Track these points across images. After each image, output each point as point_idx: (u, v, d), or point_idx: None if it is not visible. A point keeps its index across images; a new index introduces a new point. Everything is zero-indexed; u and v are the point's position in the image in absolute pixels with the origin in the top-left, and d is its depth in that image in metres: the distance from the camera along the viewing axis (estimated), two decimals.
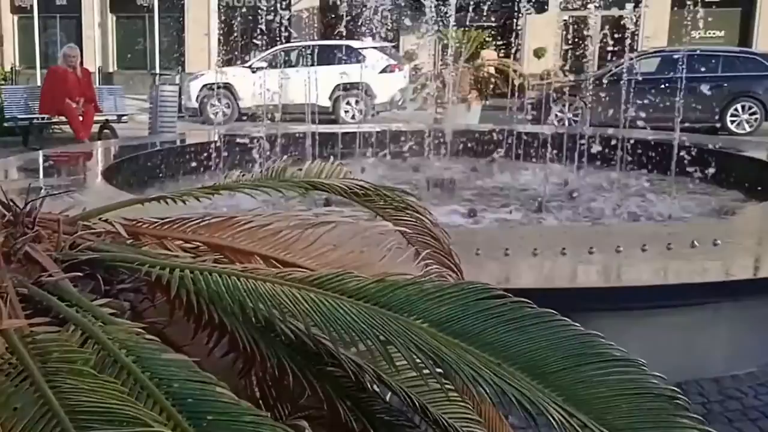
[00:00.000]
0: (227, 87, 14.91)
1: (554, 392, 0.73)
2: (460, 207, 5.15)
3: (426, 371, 0.78)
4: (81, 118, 9.37)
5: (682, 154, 6.56)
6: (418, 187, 5.81)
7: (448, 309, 0.81)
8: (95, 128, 10.00)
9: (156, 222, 1.09)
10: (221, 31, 20.53)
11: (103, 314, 0.90)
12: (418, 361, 0.77)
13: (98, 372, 0.78)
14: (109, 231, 1.09)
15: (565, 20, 21.56)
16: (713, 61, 13.52)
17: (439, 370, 0.77)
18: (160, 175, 6.08)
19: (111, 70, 22.44)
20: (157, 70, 16.39)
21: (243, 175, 1.24)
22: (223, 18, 20.72)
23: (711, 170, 6.04)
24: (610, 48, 20.74)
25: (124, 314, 1.02)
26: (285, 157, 6.53)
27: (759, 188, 5.25)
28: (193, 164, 6.69)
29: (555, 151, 7.22)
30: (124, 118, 10.78)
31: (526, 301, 0.83)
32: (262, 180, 1.21)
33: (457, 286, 0.85)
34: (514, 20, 21.30)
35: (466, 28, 12.91)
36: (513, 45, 21.32)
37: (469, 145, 7.94)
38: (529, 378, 0.74)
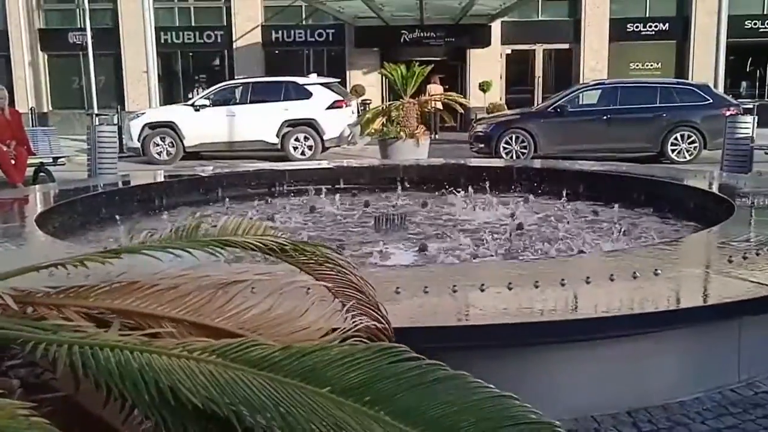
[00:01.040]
0: (170, 126, 14.71)
1: None
2: (410, 242, 5.10)
3: None
4: (13, 162, 9.06)
5: (624, 184, 6.71)
6: (368, 222, 5.76)
7: (357, 375, 0.74)
8: (30, 172, 9.69)
9: (53, 290, 0.99)
10: (161, 69, 20.35)
11: None
12: None
13: None
14: None
15: (508, 54, 22.19)
16: (652, 92, 13.97)
17: None
18: (99, 220, 5.87)
19: (45, 110, 21.92)
20: (95, 110, 16.09)
21: (151, 235, 1.15)
22: (162, 55, 20.55)
23: (652, 200, 6.16)
24: (552, 81, 21.40)
25: (14, 393, 0.92)
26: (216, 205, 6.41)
27: (699, 216, 5.37)
28: (137, 206, 6.51)
29: (503, 184, 7.30)
30: (61, 160, 10.48)
31: (439, 363, 0.76)
32: (171, 240, 1.12)
33: (368, 350, 0.78)
34: (459, 54, 21.80)
35: (411, 63, 13.07)
36: (458, 79, 21.84)
37: (419, 179, 7.96)
38: None
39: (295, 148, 14.68)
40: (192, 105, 15.17)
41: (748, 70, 22.58)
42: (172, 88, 22.45)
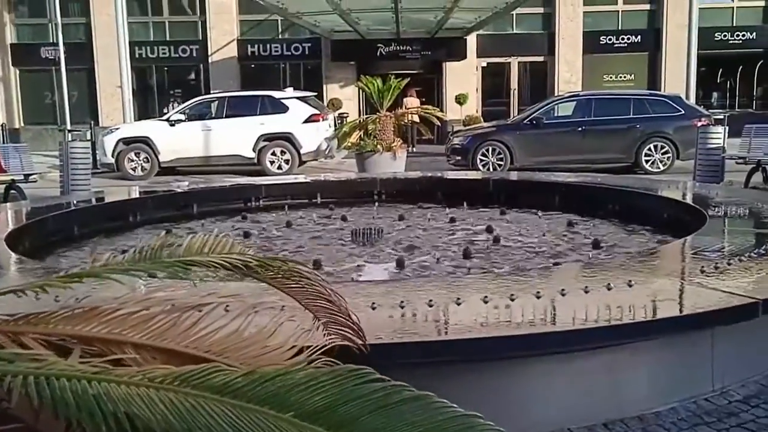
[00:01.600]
0: (145, 141, 14.59)
1: None
2: (387, 256, 5.09)
3: None
4: None
5: (599, 195, 6.77)
6: (345, 237, 5.74)
7: (322, 398, 0.73)
8: (0, 189, 9.54)
9: (11, 317, 0.96)
10: (135, 84, 20.18)
11: None
12: None
13: None
14: None
15: (483, 67, 22.37)
16: (625, 103, 14.15)
17: None
18: (72, 238, 5.78)
19: (17, 126, 21.62)
20: (68, 125, 15.92)
21: (114, 256, 1.12)
22: (136, 70, 20.41)
23: (626, 210, 6.22)
24: (527, 93, 21.62)
25: None
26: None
27: (672, 227, 5.43)
28: (112, 223, 6.43)
29: (480, 196, 7.33)
30: (33, 176, 10.33)
31: (404, 384, 0.75)
32: (135, 262, 1.10)
33: (333, 373, 0.77)
34: (435, 67, 21.94)
35: (387, 77, 13.11)
36: (434, 92, 21.97)
37: (396, 193, 7.97)
38: None
39: (271, 163, 14.63)
40: (167, 120, 15.07)
41: (718, 81, 23.00)
42: (147, 103, 22.28)
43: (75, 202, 7.10)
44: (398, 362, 2.56)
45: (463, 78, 21.66)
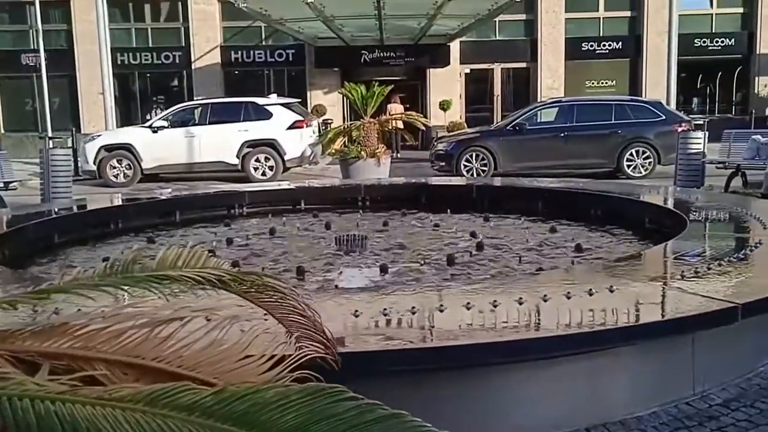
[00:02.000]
0: (127, 148, 14.48)
1: None
2: (371, 263, 5.07)
3: None
4: None
5: (582, 201, 6.80)
6: (329, 243, 5.72)
7: (294, 417, 0.71)
8: None
9: None
10: (117, 91, 20.02)
11: None
12: None
13: None
14: None
15: (467, 73, 22.47)
16: (607, 109, 14.26)
17: None
18: (52, 246, 5.72)
19: None
20: (49, 132, 15.76)
21: (84, 271, 1.10)
22: (119, 77, 20.26)
23: (608, 215, 6.26)
24: (510, 99, 21.73)
25: None
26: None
27: (653, 231, 5.47)
28: (94, 231, 6.36)
29: (465, 202, 7.34)
30: (13, 184, 10.22)
31: (377, 403, 0.74)
32: (104, 277, 1.08)
33: (305, 391, 0.76)
34: (419, 74, 22.00)
35: (371, 83, 13.12)
36: (418, 98, 22.02)
37: (380, 199, 7.96)
38: None
39: (255, 169, 14.58)
40: (150, 126, 14.97)
41: (698, 86, 23.25)
42: (130, 110, 22.13)
43: (56, 209, 7.03)
44: (381, 370, 2.56)
45: (446, 84, 21.74)
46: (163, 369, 0.93)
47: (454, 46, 21.53)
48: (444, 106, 21.17)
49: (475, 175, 13.32)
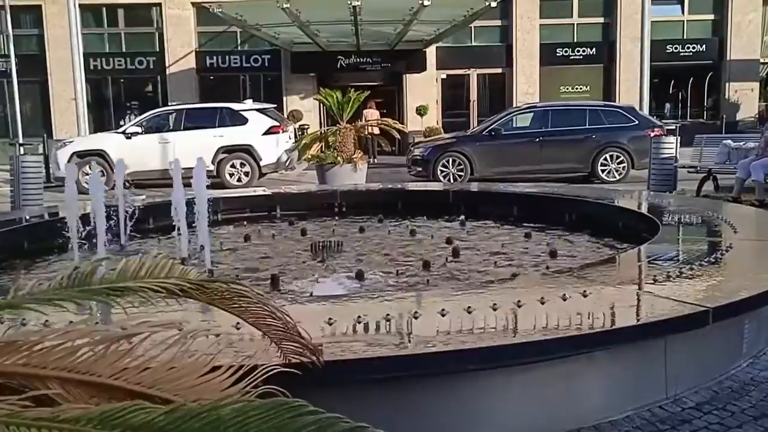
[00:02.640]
0: (100, 154, 14.29)
1: None
2: (347, 270, 5.04)
3: None
4: None
5: (556, 205, 6.85)
6: (304, 250, 5.68)
7: None
8: None
9: None
10: (90, 96, 19.77)
11: None
12: None
13: None
14: None
15: (443, 78, 22.57)
16: (581, 114, 14.40)
17: None
18: (20, 255, 5.60)
19: None
20: (20, 138, 15.52)
21: (40, 284, 1.07)
22: (91, 82, 20.01)
23: (582, 220, 6.30)
24: (486, 104, 21.86)
25: None
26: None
27: (627, 236, 5.51)
28: (63, 239, 6.23)
29: (441, 208, 7.35)
30: None
31: (339, 416, 0.72)
32: (60, 290, 1.04)
33: (264, 407, 0.73)
34: (395, 79, 22.04)
35: (347, 89, 13.11)
36: (395, 103, 22.06)
37: (356, 204, 7.94)
38: None
39: (231, 175, 14.48)
40: (123, 132, 14.79)
41: (670, 92, 23.59)
42: (103, 116, 21.87)
43: (27, 217, 6.90)
44: (355, 379, 2.54)
45: (423, 90, 21.80)
46: (120, 387, 0.90)
47: (431, 52, 21.61)
48: (421, 111, 21.23)
49: (451, 180, 13.36)
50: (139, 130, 14.58)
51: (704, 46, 22.74)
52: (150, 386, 0.87)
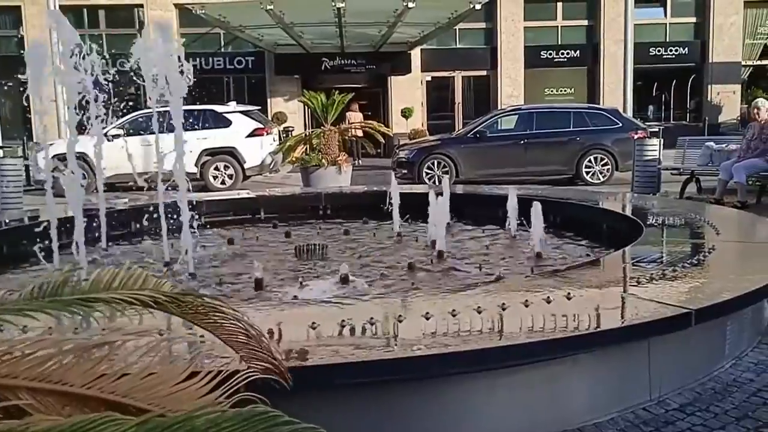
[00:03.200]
0: (81, 157, 14.11)
1: None
2: (331, 273, 5.02)
3: None
4: None
5: (541, 207, 6.85)
6: (289, 253, 5.65)
7: None
8: None
9: None
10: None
11: None
12: None
13: None
14: None
15: (428, 81, 22.61)
16: (566, 116, 14.46)
17: None
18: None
19: None
20: None
21: (9, 294, 1.04)
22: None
23: (565, 222, 6.31)
24: (471, 106, 21.90)
25: None
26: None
27: (610, 238, 5.53)
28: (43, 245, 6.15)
29: (426, 211, 7.33)
30: None
31: (315, 426, 0.70)
32: (30, 300, 1.01)
33: (238, 417, 0.71)
34: (380, 81, 22.04)
35: (331, 91, 13.09)
36: (380, 106, 22.06)
37: (341, 207, 7.91)
38: None
39: (214, 178, 14.39)
40: (104, 135, 14.64)
41: (653, 94, 23.80)
42: (84, 118, 21.65)
43: (6, 221, 6.81)
44: (340, 383, 2.51)
45: (408, 92, 21.83)
46: (93, 396, 0.87)
47: (415, 54, 21.65)
48: (406, 113, 21.25)
49: (436, 183, 13.36)
50: (121, 132, 14.45)
51: (687, 48, 22.98)
52: (124, 395, 0.85)
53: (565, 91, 22.89)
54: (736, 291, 3.18)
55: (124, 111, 15.11)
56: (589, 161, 13.89)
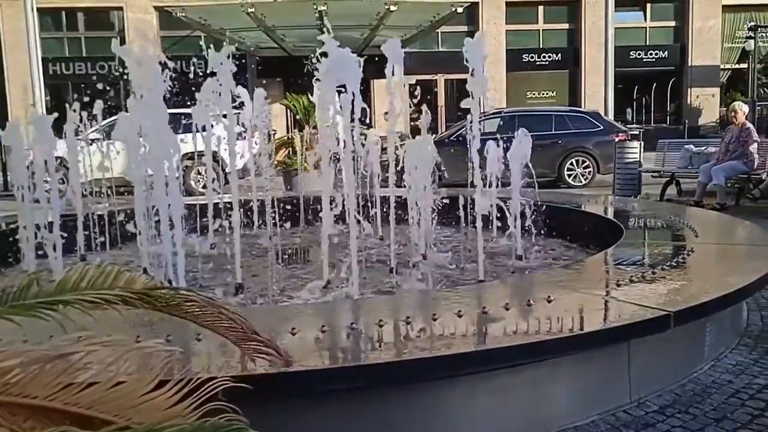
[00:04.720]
0: (59, 161, 13.96)
1: None
2: (314, 277, 4.99)
3: None
4: None
5: (523, 211, 6.86)
6: (271, 257, 5.62)
7: None
8: None
9: None
10: (50, 102, 19.35)
11: None
12: None
13: None
14: None
15: (411, 84, 22.63)
16: (548, 119, 14.54)
17: None
18: None
19: None
20: None
21: None
22: (51, 87, 19.58)
23: (547, 225, 6.33)
24: (454, 109, 21.95)
25: None
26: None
27: (591, 240, 5.55)
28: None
29: (411, 214, 7.30)
30: None
31: None
32: None
33: (203, 429, 0.69)
34: (363, 84, 21.99)
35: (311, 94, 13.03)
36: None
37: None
38: None
39: (197, 182, 14.28)
40: (84, 139, 14.50)
41: (634, 97, 24.01)
42: (63, 122, 21.44)
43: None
44: (318, 389, 2.49)
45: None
46: (56, 408, 0.85)
47: None
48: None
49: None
50: (100, 136, 14.30)
51: (666, 52, 23.22)
52: (88, 407, 0.82)
53: (546, 94, 23.04)
54: (715, 293, 3.20)
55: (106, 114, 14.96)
56: (571, 164, 13.97)
